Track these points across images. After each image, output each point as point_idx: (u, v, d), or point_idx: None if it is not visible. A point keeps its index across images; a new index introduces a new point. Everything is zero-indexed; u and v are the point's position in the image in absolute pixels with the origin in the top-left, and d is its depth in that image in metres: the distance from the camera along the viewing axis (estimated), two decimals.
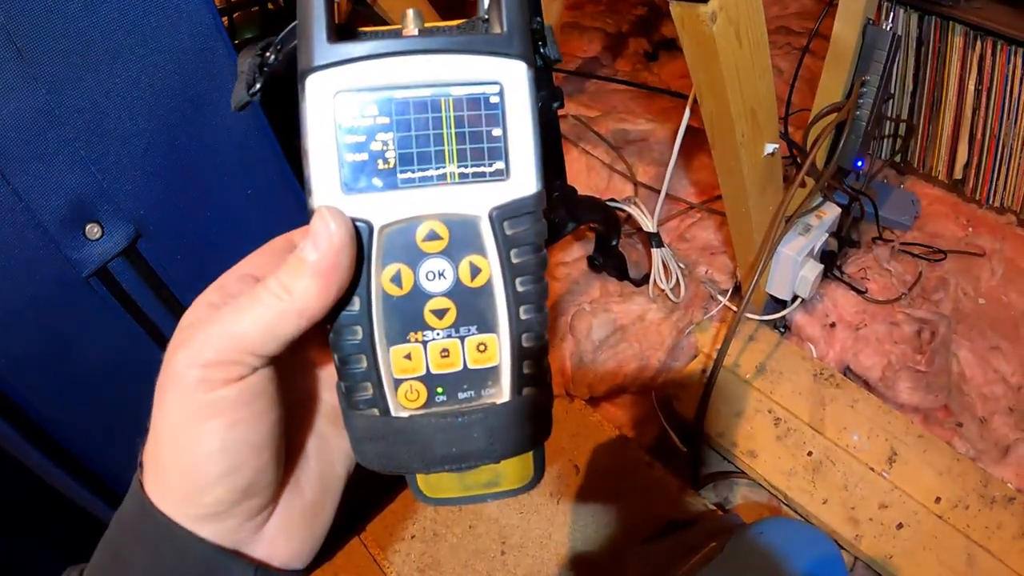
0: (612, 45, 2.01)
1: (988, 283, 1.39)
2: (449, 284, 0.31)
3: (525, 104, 0.30)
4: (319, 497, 0.36)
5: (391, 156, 0.29)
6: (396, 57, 0.29)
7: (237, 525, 0.32)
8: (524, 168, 0.31)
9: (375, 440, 0.32)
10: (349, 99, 0.29)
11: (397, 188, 0.30)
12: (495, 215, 0.31)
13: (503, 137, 0.30)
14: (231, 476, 0.30)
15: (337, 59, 0.29)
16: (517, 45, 0.30)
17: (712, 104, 0.92)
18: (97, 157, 0.66)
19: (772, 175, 1.10)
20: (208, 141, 0.73)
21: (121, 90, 0.66)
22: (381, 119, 0.29)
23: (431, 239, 0.30)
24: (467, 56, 0.30)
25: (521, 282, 0.31)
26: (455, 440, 0.32)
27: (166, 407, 0.30)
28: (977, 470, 1.14)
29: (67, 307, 0.69)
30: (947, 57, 1.31)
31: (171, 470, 0.30)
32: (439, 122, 0.30)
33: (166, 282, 0.74)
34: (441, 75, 0.29)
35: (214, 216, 0.76)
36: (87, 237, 0.68)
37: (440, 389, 0.32)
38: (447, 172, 0.30)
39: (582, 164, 1.63)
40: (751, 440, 1.21)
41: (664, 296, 1.37)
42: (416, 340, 0.31)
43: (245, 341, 0.29)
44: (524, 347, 0.32)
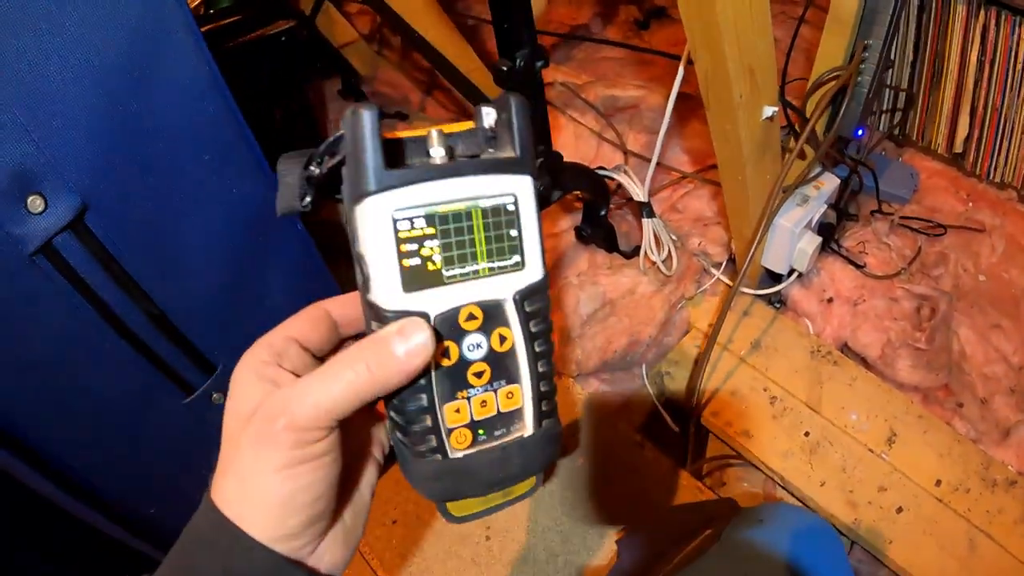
0: (603, 13, 1.97)
1: (988, 260, 1.37)
2: (484, 352, 0.39)
3: (531, 207, 0.39)
4: (354, 521, 0.44)
5: (438, 259, 0.37)
6: (437, 181, 0.36)
7: (303, 544, 0.39)
8: (534, 258, 0.39)
9: (439, 479, 0.40)
10: (404, 215, 0.36)
11: (444, 284, 0.37)
12: (517, 297, 0.39)
13: (519, 235, 0.39)
14: (312, 505, 0.38)
15: (392, 184, 0.35)
16: (527, 165, 0.38)
17: (708, 60, 0.87)
18: (37, 123, 0.61)
19: (770, 141, 1.05)
20: (159, 103, 0.68)
21: (61, 50, 0.61)
22: (429, 230, 0.36)
23: (470, 319, 0.38)
24: (491, 176, 0.37)
25: (538, 344, 0.40)
26: (501, 467, 0.41)
27: (261, 458, 0.36)
28: (978, 452, 1.11)
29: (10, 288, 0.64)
30: (949, 26, 1.27)
31: (261, 502, 0.37)
32: (471, 228, 0.37)
33: (116, 257, 0.69)
34: (472, 191, 0.37)
35: (167, 184, 0.71)
36: (29, 210, 0.62)
37: (481, 431, 0.40)
38: (480, 269, 0.38)
39: (570, 132, 1.58)
40: (746, 420, 1.17)
41: (655, 269, 1.32)
42: (463, 397, 0.39)
43: (332, 411, 0.36)
44: (542, 391, 0.41)
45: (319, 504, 0.38)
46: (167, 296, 0.75)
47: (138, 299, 0.73)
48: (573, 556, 1.04)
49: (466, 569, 1.05)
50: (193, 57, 0.69)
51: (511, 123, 0.38)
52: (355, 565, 1.07)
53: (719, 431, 1.18)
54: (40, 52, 0.59)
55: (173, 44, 0.67)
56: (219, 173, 0.76)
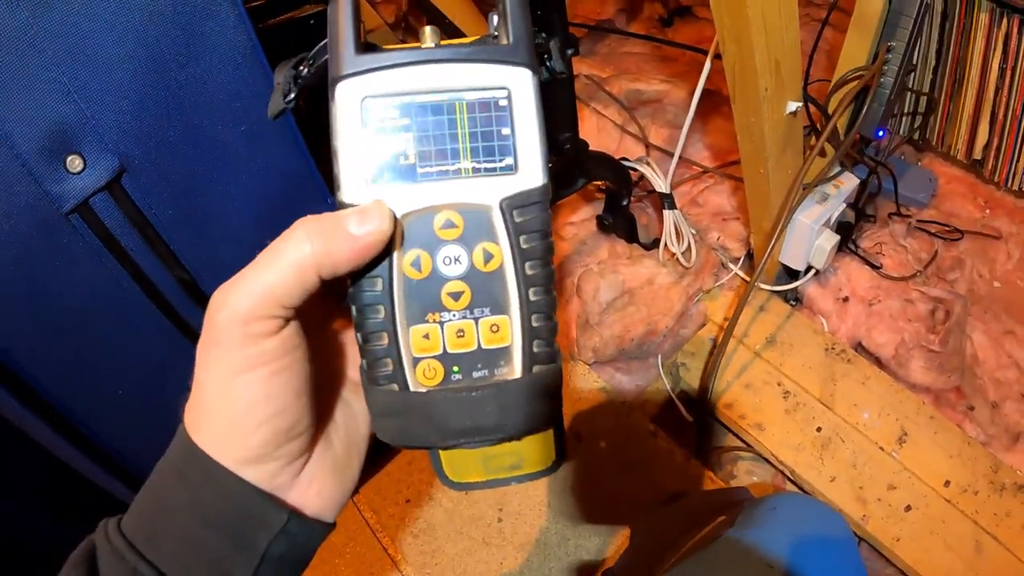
0: (627, 8, 1.97)
1: (1004, 266, 1.37)
2: (464, 268, 0.34)
3: (531, 106, 0.34)
4: (347, 452, 0.39)
5: (411, 153, 0.33)
6: (416, 66, 0.33)
7: (277, 468, 0.35)
8: (531, 163, 0.34)
9: (394, 415, 0.35)
10: (374, 103, 0.33)
11: (417, 181, 0.33)
12: (505, 205, 0.34)
13: (511, 136, 0.34)
14: (274, 419, 0.33)
15: (363, 68, 0.33)
16: (522, 54, 0.33)
17: (735, 53, 0.88)
18: (80, 84, 0.62)
19: (793, 137, 1.06)
20: (200, 72, 0.68)
21: (108, 13, 0.61)
22: (402, 120, 0.33)
23: (448, 227, 0.34)
24: (478, 64, 0.33)
25: (530, 266, 0.34)
26: (469, 414, 0.35)
27: (211, 363, 0.33)
28: (988, 455, 1.12)
29: (45, 244, 0.65)
30: (972, 33, 1.27)
31: (218, 418, 0.33)
32: (454, 123, 0.33)
33: (151, 221, 0.70)
34: (455, 82, 0.33)
35: (204, 152, 0.72)
36: (68, 170, 0.63)
37: (456, 368, 0.35)
38: (461, 167, 0.33)
39: (593, 124, 1.59)
40: (759, 413, 1.18)
41: (674, 261, 1.33)
42: (434, 321, 0.34)
43: (274, 294, 0.32)
44: (534, 327, 0.35)
45: (285, 418, 0.34)
46: (198, 263, 0.76)
47: (170, 264, 0.74)
48: (584, 540, 1.05)
49: (477, 550, 1.06)
50: (236, 29, 0.70)
51: (505, 8, 0.34)
52: (366, 542, 1.09)
53: (732, 423, 1.19)
54: (87, 14, 0.60)
55: (218, 15, 0.68)
56: (254, 145, 0.76)
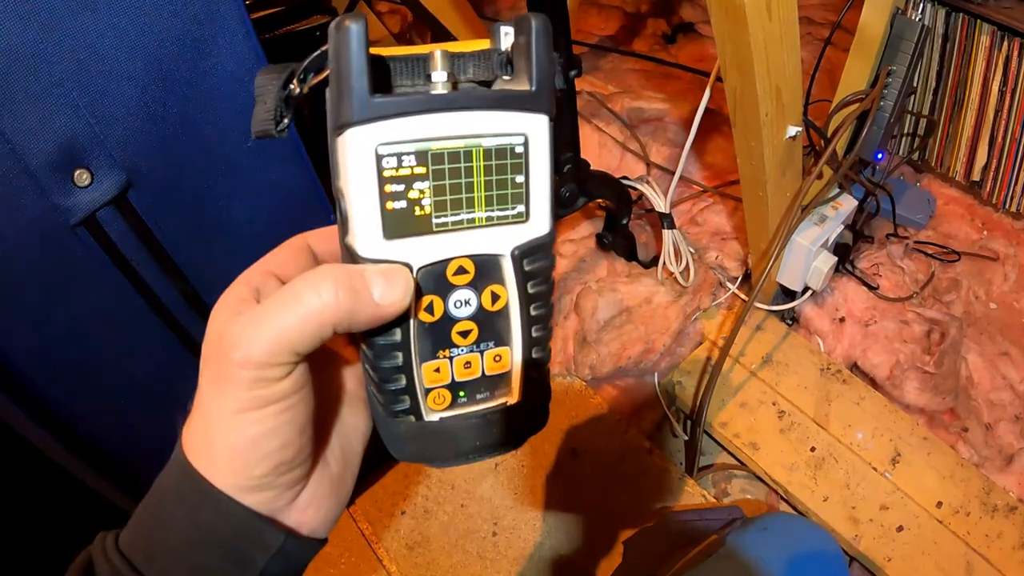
0: (630, 25, 1.98)
1: (1000, 288, 1.38)
2: (473, 310, 0.35)
3: (545, 152, 0.33)
4: (342, 470, 0.40)
5: (428, 204, 0.32)
6: (434, 114, 0.31)
7: (276, 495, 0.35)
8: (540, 210, 0.34)
9: (409, 441, 0.37)
10: (389, 151, 0.31)
11: (432, 233, 0.33)
12: (517, 254, 0.34)
13: (525, 183, 0.33)
14: (278, 453, 0.34)
15: (378, 114, 0.30)
16: (544, 103, 0.32)
17: (737, 79, 0.89)
18: (89, 100, 0.63)
19: (792, 160, 1.07)
20: (207, 89, 0.70)
21: (118, 30, 0.63)
22: (419, 170, 0.31)
23: (460, 274, 0.34)
24: (499, 112, 0.32)
25: (535, 307, 0.36)
26: (479, 436, 0.37)
27: (219, 397, 0.33)
28: (980, 477, 1.12)
29: (52, 256, 0.66)
30: (972, 56, 1.28)
31: (221, 448, 0.33)
32: (470, 171, 0.32)
33: (156, 234, 0.71)
34: (474, 128, 0.31)
35: (209, 167, 0.73)
36: (75, 184, 0.64)
37: (462, 393, 0.37)
38: (476, 217, 0.33)
39: (595, 141, 1.60)
40: (754, 432, 1.18)
41: (672, 279, 1.34)
42: (444, 356, 0.35)
43: (291, 342, 0.31)
44: (533, 358, 0.37)
45: (287, 451, 0.34)
46: (202, 276, 0.77)
47: (174, 277, 0.75)
48: (578, 556, 1.06)
49: (471, 563, 1.07)
50: (242, 45, 0.71)
51: (529, 50, 0.32)
52: (361, 553, 1.09)
53: (727, 442, 1.19)
54: (97, 32, 0.61)
55: (224, 32, 0.69)
56: (258, 160, 0.77)
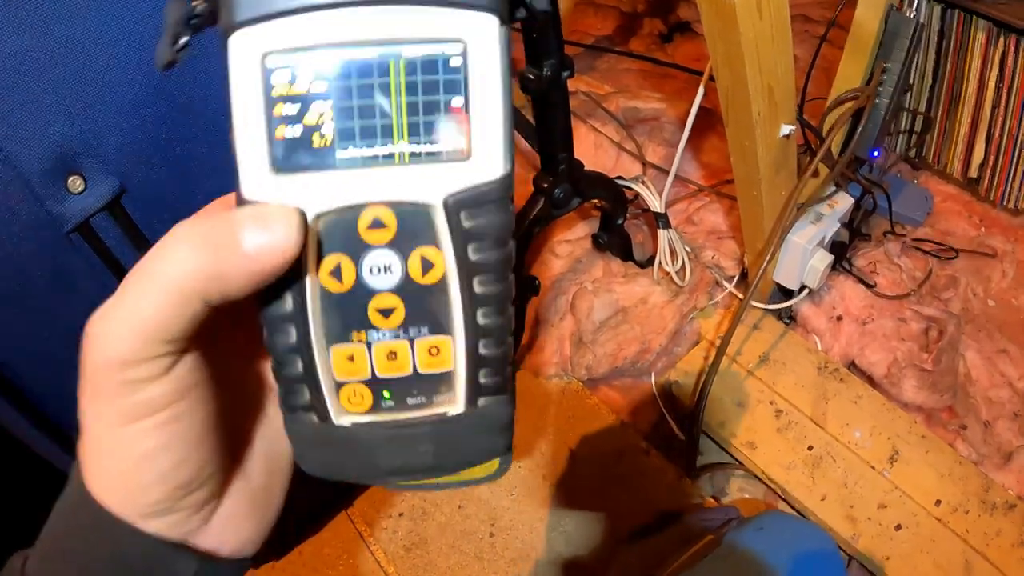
0: (626, 24, 1.98)
1: (999, 285, 1.37)
2: (397, 280, 0.27)
3: (495, 68, 0.25)
4: (267, 480, 0.33)
5: (329, 130, 0.25)
6: (338, 9, 0.24)
7: (183, 518, 0.29)
8: (489, 147, 0.26)
9: (316, 447, 0.30)
10: (280, 61, 0.24)
11: (336, 168, 0.25)
12: (451, 203, 0.26)
13: (465, 109, 0.26)
14: (172, 473, 0.28)
15: (265, 12, 0.24)
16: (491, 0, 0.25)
17: (729, 78, 0.90)
18: (83, 107, 0.63)
19: (786, 159, 1.07)
20: (200, 94, 0.70)
21: (111, 36, 0.63)
22: (318, 85, 0.25)
23: (376, 228, 0.26)
24: (424, 8, 0.24)
25: (480, 281, 0.27)
26: (401, 452, 0.29)
27: (97, 412, 0.26)
28: (979, 475, 1.12)
29: (46, 263, 0.67)
30: (968, 52, 1.28)
31: (108, 471, 0.28)
32: (387, 89, 0.25)
33: (150, 240, 0.71)
34: (392, 31, 0.25)
35: (203, 174, 0.73)
36: (69, 190, 0.65)
37: (387, 394, 0.29)
38: (395, 152, 0.26)
39: (590, 141, 1.60)
40: (751, 431, 1.18)
41: (668, 279, 1.34)
42: (359, 340, 0.28)
43: (154, 329, 0.25)
44: (481, 354, 0.28)
45: (185, 470, 0.28)
46: None
47: None
48: (576, 557, 1.06)
49: (469, 564, 1.07)
50: None
51: None
52: (359, 555, 1.10)
53: (724, 441, 1.19)
54: (90, 39, 0.62)
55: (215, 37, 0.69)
56: None
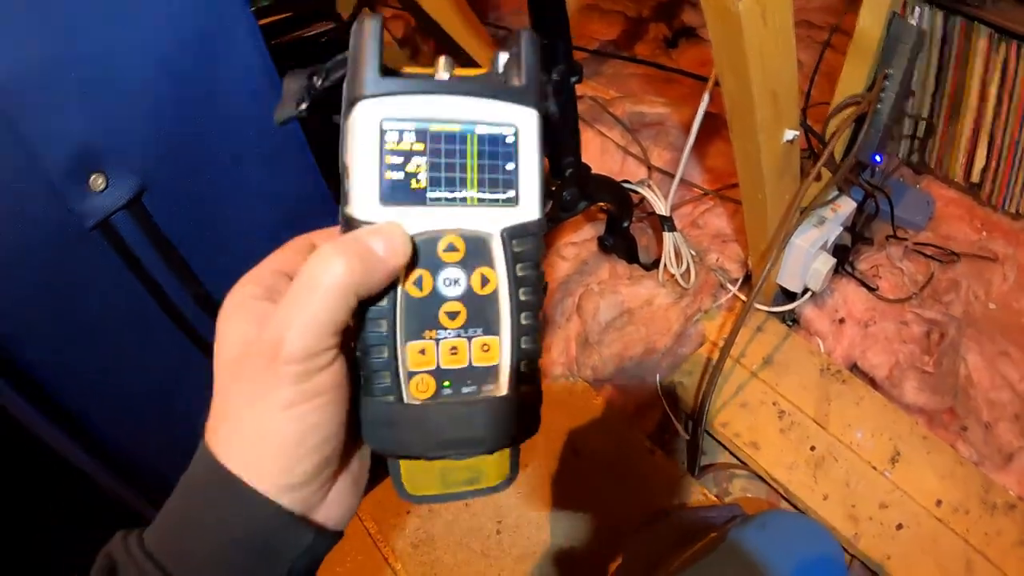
0: (631, 30, 1.99)
1: (1000, 288, 1.38)
2: (462, 290, 0.36)
3: (534, 145, 0.36)
4: (359, 468, 0.40)
5: (423, 178, 0.35)
6: (435, 95, 0.34)
7: (312, 492, 0.36)
8: (530, 197, 0.36)
9: (387, 425, 0.36)
10: (393, 126, 0.34)
11: (426, 205, 0.35)
12: (506, 234, 0.36)
13: (515, 170, 0.36)
14: (321, 447, 0.34)
15: (385, 91, 0.34)
16: (532, 97, 0.36)
17: (733, 84, 0.91)
18: (105, 107, 0.65)
19: (790, 163, 1.08)
20: (219, 96, 0.72)
21: (133, 39, 0.65)
22: (417, 145, 0.34)
23: (450, 250, 0.35)
24: (492, 101, 0.35)
25: (524, 292, 0.37)
26: (459, 427, 0.36)
27: (265, 398, 0.33)
28: (979, 475, 1.13)
29: (68, 259, 0.68)
30: (970, 58, 1.29)
31: (263, 448, 0.33)
32: (464, 153, 0.35)
33: (169, 238, 0.73)
34: (470, 114, 0.35)
35: (221, 173, 0.75)
36: (91, 188, 0.66)
37: (447, 383, 0.36)
38: (468, 196, 0.35)
39: (596, 145, 1.61)
40: (754, 431, 1.20)
41: (673, 281, 1.35)
42: (431, 337, 0.36)
43: (329, 323, 0.32)
44: (522, 348, 0.37)
45: (329, 445, 0.35)
46: (214, 278, 0.79)
47: (186, 279, 0.76)
48: (580, 553, 1.07)
49: (476, 561, 1.08)
50: (252, 53, 0.73)
51: (520, 55, 0.36)
52: (367, 552, 1.11)
53: (727, 441, 1.21)
54: (112, 42, 0.63)
55: (234, 40, 0.71)
56: (269, 166, 0.79)
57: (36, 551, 0.81)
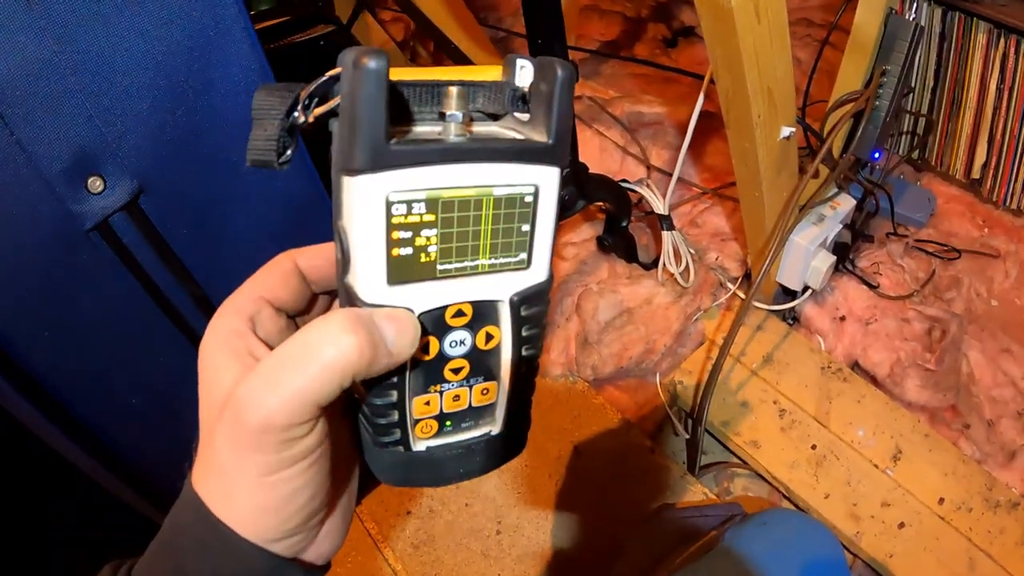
0: (630, 30, 2.00)
1: (1001, 285, 1.38)
2: (467, 349, 0.35)
3: (552, 201, 0.33)
4: (349, 497, 0.41)
5: (434, 251, 0.31)
6: (450, 165, 0.30)
7: (302, 539, 0.35)
8: (542, 257, 0.34)
9: (397, 469, 0.37)
10: (401, 197, 0.30)
11: (436, 280, 0.32)
12: (515, 300, 0.35)
13: (531, 231, 0.33)
14: (311, 502, 0.34)
15: (393, 164, 0.29)
16: (560, 157, 0.32)
17: (728, 81, 0.91)
18: (102, 110, 0.65)
19: (787, 160, 1.08)
20: (216, 99, 0.72)
21: (130, 42, 0.65)
22: (428, 217, 0.31)
23: (458, 316, 0.34)
24: (514, 165, 0.31)
25: (526, 348, 0.36)
26: (462, 463, 0.38)
27: (245, 464, 0.31)
28: (982, 473, 1.13)
29: (66, 261, 0.68)
30: (969, 54, 1.29)
31: (250, 508, 0.33)
32: (479, 220, 0.32)
33: (167, 239, 0.73)
34: (488, 179, 0.31)
35: (218, 174, 0.75)
36: (89, 190, 0.66)
37: (448, 423, 0.37)
38: (479, 264, 0.33)
39: (595, 145, 1.62)
40: (755, 430, 1.19)
41: (673, 280, 1.35)
42: (435, 391, 0.36)
43: (314, 399, 0.30)
44: (520, 392, 0.38)
45: (316, 501, 0.34)
46: (212, 280, 0.79)
47: (184, 281, 0.77)
48: (581, 553, 1.07)
49: (476, 561, 1.08)
50: (248, 56, 0.73)
51: (551, 100, 0.31)
52: (367, 553, 1.11)
53: (728, 440, 1.21)
54: (108, 43, 0.63)
55: (230, 43, 0.71)
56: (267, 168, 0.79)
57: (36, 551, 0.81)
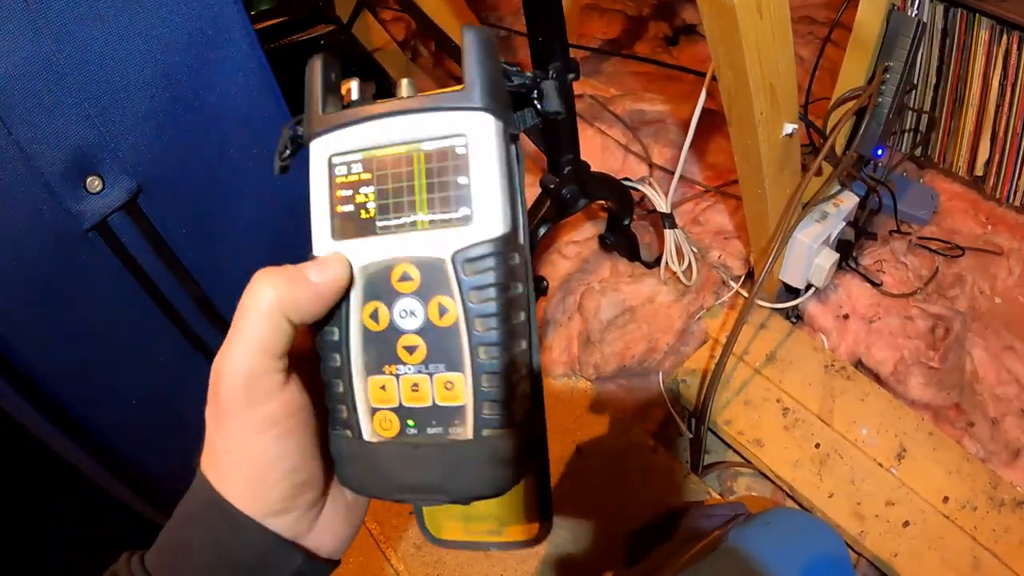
0: (632, 28, 1.99)
1: (1005, 282, 1.38)
2: (420, 322, 0.33)
3: (490, 152, 0.32)
4: (353, 499, 0.41)
5: (372, 207, 0.33)
6: (378, 120, 0.33)
7: (297, 518, 0.37)
8: (489, 212, 0.32)
9: (350, 461, 0.35)
10: (341, 159, 0.34)
11: (375, 234, 0.33)
12: (457, 258, 0.32)
13: (468, 184, 0.32)
14: (291, 475, 0.35)
15: (331, 125, 0.34)
16: (478, 98, 0.32)
17: (731, 78, 0.90)
18: (100, 110, 0.65)
19: (790, 157, 1.07)
20: (214, 98, 0.72)
21: (128, 42, 0.65)
22: (365, 175, 0.33)
23: (404, 280, 0.33)
24: (436, 113, 0.33)
25: (481, 323, 0.32)
26: (411, 471, 0.34)
27: (225, 428, 0.34)
28: (987, 471, 1.12)
29: (66, 260, 0.68)
30: (972, 51, 1.28)
31: (238, 476, 0.35)
32: (411, 175, 0.33)
33: (166, 239, 0.73)
34: (415, 133, 0.33)
35: (217, 175, 0.75)
36: (87, 190, 0.66)
37: (411, 422, 0.34)
38: (417, 220, 0.33)
39: (597, 144, 1.61)
40: (758, 429, 1.19)
41: (675, 279, 1.35)
42: (390, 372, 0.34)
43: (260, 346, 0.32)
44: (483, 389, 0.33)
45: (299, 475, 0.36)
46: (211, 279, 0.79)
47: (184, 280, 0.77)
48: (583, 552, 1.07)
49: (478, 561, 1.08)
50: (247, 56, 0.73)
51: (464, 55, 0.33)
52: (369, 553, 1.11)
53: (731, 439, 1.20)
54: (107, 44, 0.63)
55: (229, 43, 0.71)
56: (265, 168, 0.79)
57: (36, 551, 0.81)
